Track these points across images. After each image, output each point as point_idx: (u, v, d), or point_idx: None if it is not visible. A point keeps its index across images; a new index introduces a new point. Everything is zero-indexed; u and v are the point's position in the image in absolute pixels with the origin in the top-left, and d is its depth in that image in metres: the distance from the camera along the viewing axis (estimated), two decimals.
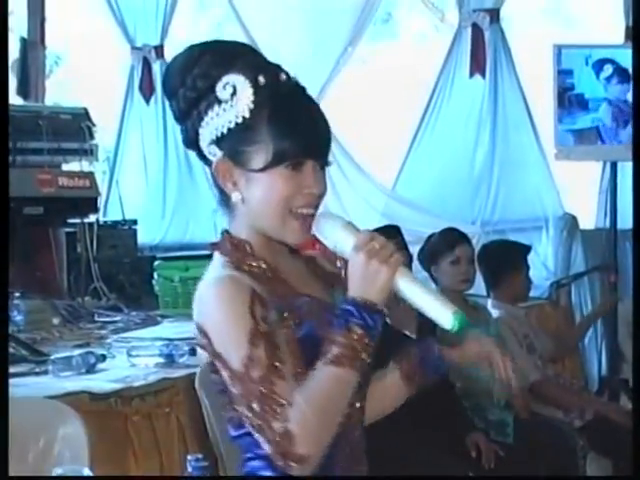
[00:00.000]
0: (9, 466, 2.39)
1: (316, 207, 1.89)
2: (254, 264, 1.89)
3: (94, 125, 5.82)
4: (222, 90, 1.84)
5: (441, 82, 6.44)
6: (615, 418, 4.64)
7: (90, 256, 5.59)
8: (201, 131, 1.89)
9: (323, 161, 1.90)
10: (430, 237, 4.60)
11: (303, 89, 1.91)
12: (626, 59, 5.33)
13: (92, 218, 5.72)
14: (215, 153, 1.90)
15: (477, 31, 6.33)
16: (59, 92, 9.04)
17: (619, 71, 5.40)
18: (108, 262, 5.80)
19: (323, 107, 1.95)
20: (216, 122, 1.86)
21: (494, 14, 6.30)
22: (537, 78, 6.24)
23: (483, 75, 6.33)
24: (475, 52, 6.33)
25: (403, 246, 4.05)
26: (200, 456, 2.00)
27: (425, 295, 1.82)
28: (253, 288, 1.83)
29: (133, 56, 7.19)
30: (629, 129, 5.39)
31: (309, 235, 1.89)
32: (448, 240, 4.50)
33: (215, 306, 1.84)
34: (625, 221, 5.59)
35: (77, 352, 3.78)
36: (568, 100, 5.44)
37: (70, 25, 8.51)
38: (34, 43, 6.89)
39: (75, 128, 5.70)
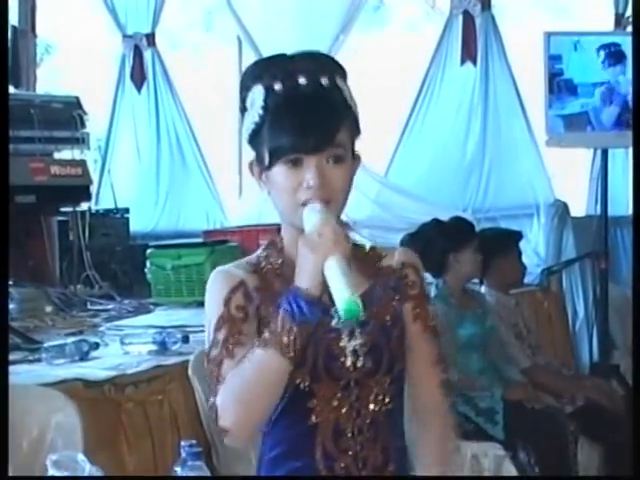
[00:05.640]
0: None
1: (324, 199, 1.93)
2: (272, 260, 2.02)
3: (86, 113, 5.82)
4: (248, 99, 2.00)
5: (432, 70, 6.45)
6: (606, 403, 4.67)
7: (82, 244, 5.60)
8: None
9: (328, 155, 1.95)
10: (429, 226, 4.58)
11: (319, 88, 1.97)
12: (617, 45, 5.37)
13: (84, 206, 5.72)
14: (252, 153, 2.04)
15: (468, 18, 6.34)
16: (50, 81, 9.03)
17: (614, 55, 5.42)
18: (100, 250, 5.81)
19: None
20: (244, 127, 2.02)
21: (485, 1, 6.31)
22: (527, 65, 6.25)
23: (474, 62, 6.34)
24: (466, 39, 6.34)
25: None
26: (194, 442, 2.02)
27: (335, 279, 1.85)
28: (242, 280, 1.97)
29: (124, 44, 7.19)
30: (621, 115, 5.42)
31: None
32: (469, 229, 4.56)
33: (206, 295, 2.01)
34: (615, 208, 5.62)
35: (70, 340, 3.79)
36: (557, 85, 5.45)
37: (61, 13, 8.49)
38: (25, 32, 6.89)
39: (67, 117, 5.70)
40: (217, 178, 7.17)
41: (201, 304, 2.05)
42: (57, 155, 5.76)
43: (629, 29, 6.14)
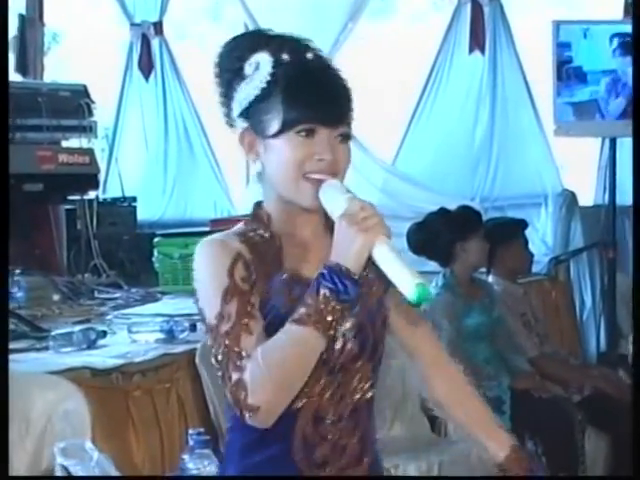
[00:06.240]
0: (11, 447, 2.40)
1: (332, 174, 1.94)
2: (259, 232, 1.99)
3: (93, 102, 5.82)
4: (248, 67, 1.97)
5: (440, 58, 6.44)
6: (613, 393, 4.66)
7: (90, 233, 5.60)
8: (232, 107, 2.01)
9: (339, 131, 1.96)
10: (436, 215, 4.57)
11: (328, 67, 2.00)
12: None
13: (92, 195, 5.73)
14: (242, 125, 2.01)
15: (476, 7, 6.32)
16: (58, 69, 9.02)
17: (626, 45, 5.39)
18: (108, 239, 5.81)
19: None
20: (241, 96, 1.98)
21: None
22: (536, 54, 6.23)
23: (482, 51, 6.33)
24: (474, 28, 6.32)
25: None
26: (202, 430, 2.02)
27: (395, 263, 1.85)
28: (239, 252, 1.93)
29: (132, 32, 7.18)
30: (627, 106, 5.40)
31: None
32: (477, 218, 4.55)
33: (199, 265, 1.95)
34: (624, 197, 5.60)
35: (77, 328, 3.79)
36: (566, 73, 5.43)
37: (68, 2, 8.48)
38: (32, 20, 6.88)
39: (74, 105, 5.70)
40: (224, 167, 7.16)
41: None
42: (64, 143, 5.76)
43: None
